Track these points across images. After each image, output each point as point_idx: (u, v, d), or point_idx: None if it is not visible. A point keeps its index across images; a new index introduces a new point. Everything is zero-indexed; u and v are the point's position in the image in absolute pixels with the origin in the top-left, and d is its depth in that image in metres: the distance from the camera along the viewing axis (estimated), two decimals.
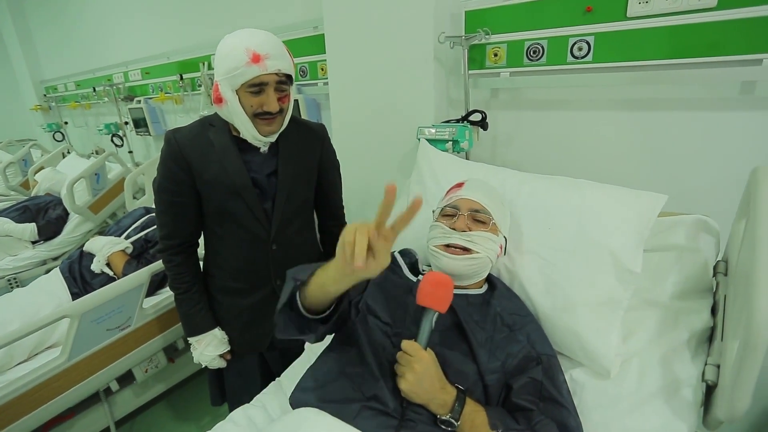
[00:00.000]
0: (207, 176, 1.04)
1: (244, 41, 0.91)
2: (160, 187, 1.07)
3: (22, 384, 1.24)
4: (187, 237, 1.14)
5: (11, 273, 2.37)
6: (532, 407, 0.73)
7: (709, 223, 0.91)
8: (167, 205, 1.08)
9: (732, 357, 0.59)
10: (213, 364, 1.20)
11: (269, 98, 0.97)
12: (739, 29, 0.98)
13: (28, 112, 4.42)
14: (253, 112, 0.98)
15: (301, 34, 1.87)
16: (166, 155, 1.05)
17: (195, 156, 1.04)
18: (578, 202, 0.94)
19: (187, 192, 1.07)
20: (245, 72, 0.91)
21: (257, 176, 1.08)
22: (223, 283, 1.19)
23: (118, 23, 3.07)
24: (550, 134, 1.37)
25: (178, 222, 1.10)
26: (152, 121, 2.91)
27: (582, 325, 0.84)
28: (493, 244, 0.87)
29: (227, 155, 1.05)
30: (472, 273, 0.87)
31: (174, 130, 1.06)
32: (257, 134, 1.01)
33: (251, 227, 1.10)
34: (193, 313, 1.17)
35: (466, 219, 0.87)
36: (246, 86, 0.94)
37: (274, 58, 0.93)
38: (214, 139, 1.05)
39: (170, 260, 1.13)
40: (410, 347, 0.71)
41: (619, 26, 1.13)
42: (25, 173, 3.20)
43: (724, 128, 1.09)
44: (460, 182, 0.97)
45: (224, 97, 0.96)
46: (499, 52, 1.34)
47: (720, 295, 0.84)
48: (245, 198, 1.06)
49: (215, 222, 1.12)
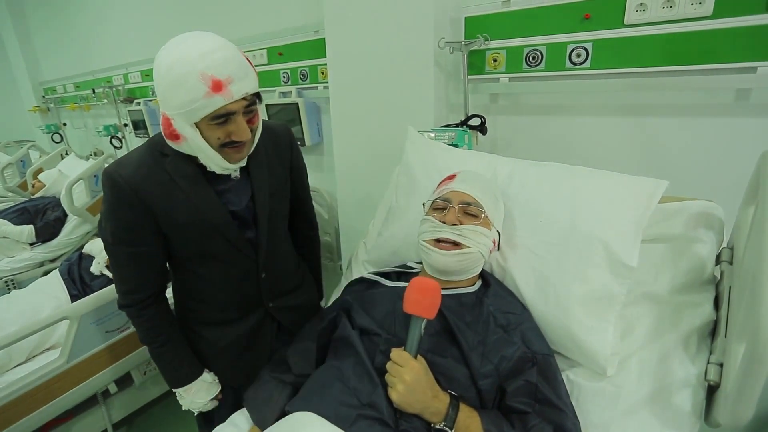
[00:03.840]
0: (175, 218, 0.87)
1: (195, 62, 0.72)
2: (114, 238, 0.87)
3: (21, 386, 1.24)
4: (157, 288, 0.97)
5: (8, 275, 2.35)
6: (527, 410, 0.71)
7: (714, 211, 0.85)
8: (127, 257, 0.90)
9: (736, 360, 0.57)
10: (206, 408, 1.08)
11: (239, 127, 0.81)
12: (734, 37, 1.00)
13: (27, 113, 4.41)
14: (219, 144, 0.82)
15: (302, 38, 1.88)
16: (114, 200, 0.84)
17: (155, 197, 0.85)
18: (571, 191, 0.89)
19: (151, 238, 0.89)
20: (206, 105, 0.74)
21: (235, 208, 0.94)
22: (207, 315, 1.05)
23: (118, 25, 3.08)
24: (549, 139, 1.38)
25: (143, 274, 0.93)
26: (152, 124, 2.90)
27: (576, 322, 0.80)
28: (485, 239, 0.83)
29: (196, 191, 0.87)
30: (462, 269, 0.84)
31: (116, 165, 0.84)
32: (227, 165, 0.87)
33: (237, 262, 0.98)
34: (176, 364, 1.02)
35: (457, 212, 0.84)
36: (208, 119, 0.77)
37: (238, 80, 0.76)
38: (173, 171, 0.85)
39: (140, 315, 0.96)
40: (399, 357, 0.70)
41: (616, 33, 1.14)
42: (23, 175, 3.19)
43: (720, 134, 1.11)
44: (452, 174, 0.93)
45: (181, 134, 0.79)
46: (499, 57, 1.35)
47: (724, 286, 0.79)
48: (227, 235, 0.92)
49: (192, 262, 0.98)
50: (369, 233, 1.29)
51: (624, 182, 0.87)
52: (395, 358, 0.71)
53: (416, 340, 0.70)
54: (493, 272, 0.95)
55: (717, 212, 0.86)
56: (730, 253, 0.84)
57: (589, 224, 0.84)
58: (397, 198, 1.19)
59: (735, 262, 0.80)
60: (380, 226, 1.21)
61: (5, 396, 1.21)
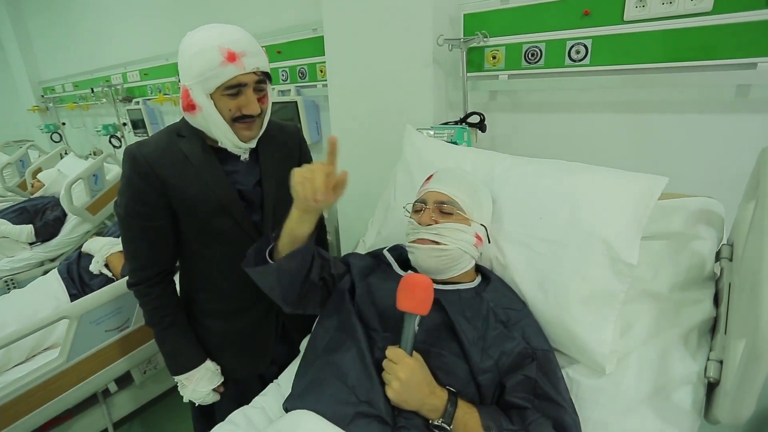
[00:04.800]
0: (186, 194, 0.93)
1: (215, 39, 0.83)
2: (128, 211, 0.93)
3: (21, 385, 1.24)
4: (166, 264, 1.02)
5: (8, 274, 2.36)
6: (526, 405, 0.71)
7: (714, 207, 0.85)
8: (140, 231, 0.95)
9: (736, 357, 0.56)
10: (207, 400, 1.08)
11: (249, 100, 0.88)
12: (734, 33, 1.00)
13: (26, 112, 4.41)
14: (231, 117, 0.89)
15: (301, 36, 1.88)
16: (132, 174, 0.91)
17: (168, 172, 0.92)
18: (571, 188, 0.88)
19: (162, 213, 0.94)
20: (220, 73, 0.83)
21: (243, 188, 0.99)
22: (211, 306, 1.08)
23: (117, 24, 3.07)
24: (548, 136, 1.38)
25: (154, 249, 0.98)
26: (151, 123, 2.91)
27: (575, 320, 0.80)
28: (464, 234, 0.83)
29: (207, 168, 0.94)
30: (444, 266, 0.83)
31: (137, 144, 0.94)
32: (237, 141, 0.93)
33: (242, 243, 0.97)
34: (180, 348, 1.04)
35: (431, 212, 0.84)
36: (222, 89, 0.85)
37: (251, 56, 0.85)
38: (188, 151, 0.93)
39: (148, 293, 1.00)
40: (394, 354, 0.70)
41: (616, 30, 1.14)
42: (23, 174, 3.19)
43: (720, 131, 1.10)
44: (431, 174, 0.93)
45: (197, 103, 0.86)
46: (498, 54, 1.35)
47: (724, 283, 0.79)
48: (233, 213, 0.97)
49: (199, 242, 1.01)
50: (368, 231, 1.29)
51: (624, 179, 0.87)
52: (390, 356, 0.71)
53: (410, 336, 0.70)
54: (492, 269, 0.94)
55: (717, 209, 0.85)
56: (730, 249, 0.83)
57: (588, 221, 0.84)
58: (395, 196, 1.18)
59: (735, 258, 0.80)
60: (379, 225, 1.21)
61: (5, 395, 1.21)
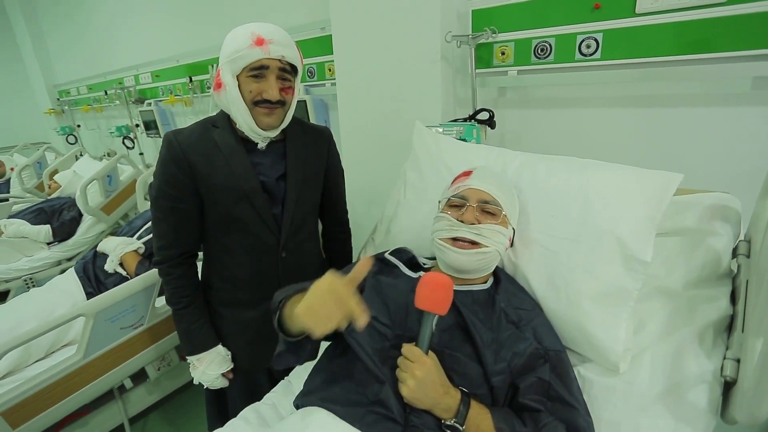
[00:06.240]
0: (213, 180, 0.99)
1: (251, 27, 0.90)
2: (159, 192, 1.01)
3: (40, 381, 1.27)
4: (188, 247, 1.07)
5: (27, 273, 2.42)
6: (539, 407, 0.70)
7: (730, 203, 0.83)
8: (167, 212, 1.02)
9: (754, 356, 0.55)
10: (215, 384, 1.12)
11: (269, 84, 0.92)
12: (749, 24, 0.97)
13: (42, 115, 4.51)
14: (252, 99, 0.93)
15: (309, 35, 1.88)
16: (167, 158, 0.98)
17: (199, 158, 0.98)
18: (583, 185, 0.87)
19: (190, 198, 1.00)
20: (246, 54, 0.88)
21: (266, 180, 1.03)
22: (227, 295, 1.12)
23: (128, 27, 3.12)
24: (559, 132, 1.36)
25: (179, 230, 1.04)
26: (162, 124, 2.94)
27: (588, 318, 0.80)
28: (503, 237, 0.83)
29: (234, 157, 0.99)
30: (479, 268, 0.83)
31: (175, 131, 1.01)
32: (255, 126, 0.96)
33: (260, 234, 1.04)
34: (195, 329, 1.08)
35: (475, 211, 0.82)
36: (247, 70, 0.91)
37: (278, 44, 0.90)
38: (219, 140, 1.00)
39: (169, 273, 1.06)
40: (410, 352, 0.70)
41: (627, 23, 1.12)
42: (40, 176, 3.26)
43: (736, 125, 1.08)
44: (468, 170, 0.90)
45: (224, 81, 0.93)
46: (507, 50, 1.33)
47: (741, 280, 0.77)
48: (254, 203, 1.01)
49: (220, 230, 1.06)
50: (377, 229, 1.29)
51: (637, 176, 0.85)
52: (406, 354, 0.70)
53: (428, 335, 0.70)
54: (504, 268, 0.94)
55: (733, 204, 0.84)
56: (747, 246, 0.81)
57: (601, 219, 0.83)
58: (405, 193, 1.18)
59: (753, 255, 0.78)
60: (389, 222, 1.20)
61: (25, 391, 1.24)
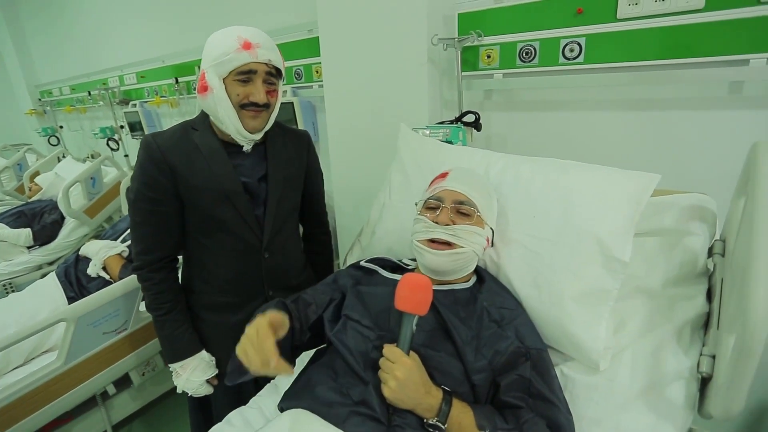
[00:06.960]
0: (193, 182, 0.98)
1: (236, 30, 0.91)
2: (138, 195, 0.99)
3: (19, 388, 1.24)
4: (168, 251, 1.06)
5: (7, 278, 2.36)
6: (520, 404, 0.72)
7: (706, 204, 0.86)
8: (147, 215, 1.00)
9: (727, 352, 0.57)
10: (200, 391, 1.10)
11: (257, 88, 0.93)
12: (726, 30, 1.00)
13: (23, 116, 4.41)
14: (239, 102, 0.94)
15: (296, 37, 1.88)
16: (145, 160, 0.97)
17: (179, 160, 0.97)
18: (564, 186, 0.89)
19: (170, 200, 0.99)
20: (234, 58, 0.89)
21: (248, 180, 1.03)
22: (209, 298, 1.10)
23: (114, 27, 3.07)
24: (544, 135, 1.38)
25: (159, 234, 1.02)
26: (148, 125, 2.91)
27: (569, 318, 0.81)
28: (479, 237, 0.83)
29: (215, 159, 0.99)
30: (456, 268, 0.84)
31: (153, 134, 0.99)
32: (241, 128, 0.96)
33: (242, 235, 1.04)
34: (177, 335, 1.07)
35: (450, 212, 0.83)
36: (234, 74, 0.91)
37: (265, 48, 0.92)
38: (199, 142, 0.99)
39: (149, 278, 1.04)
40: (391, 353, 0.70)
41: (609, 28, 1.14)
42: (20, 178, 3.19)
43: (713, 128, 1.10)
44: (444, 172, 0.91)
45: (210, 84, 0.92)
46: (492, 53, 1.35)
47: (717, 279, 0.80)
48: (236, 204, 1.01)
49: (201, 232, 1.05)
50: (363, 231, 1.29)
51: (616, 177, 0.87)
52: (387, 355, 0.71)
53: (408, 336, 0.70)
54: (486, 268, 0.95)
55: (709, 205, 0.86)
56: (722, 245, 0.83)
57: (581, 219, 0.84)
58: (390, 195, 1.18)
59: (727, 254, 0.80)
60: (375, 224, 1.21)
61: (4, 398, 1.21)
